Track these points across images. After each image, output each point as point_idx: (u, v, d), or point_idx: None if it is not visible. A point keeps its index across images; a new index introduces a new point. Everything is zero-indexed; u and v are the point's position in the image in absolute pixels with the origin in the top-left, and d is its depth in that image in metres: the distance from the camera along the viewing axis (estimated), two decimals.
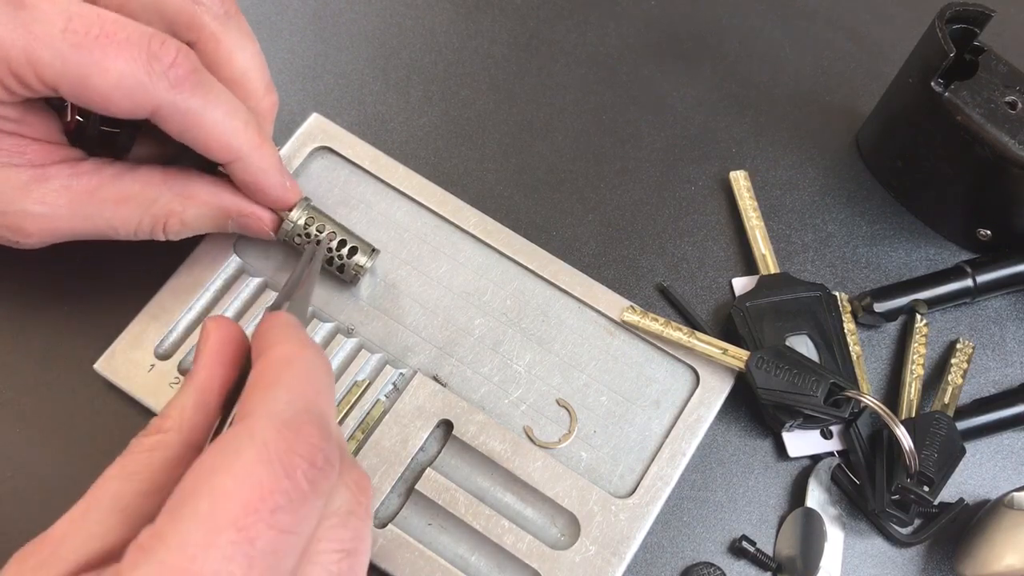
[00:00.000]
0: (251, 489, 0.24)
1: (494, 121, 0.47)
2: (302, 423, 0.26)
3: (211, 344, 0.31)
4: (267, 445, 0.25)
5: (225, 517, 0.24)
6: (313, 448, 0.26)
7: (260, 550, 0.24)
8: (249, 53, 0.37)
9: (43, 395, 0.40)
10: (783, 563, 0.39)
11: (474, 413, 0.39)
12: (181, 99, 0.33)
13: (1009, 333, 0.45)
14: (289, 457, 0.25)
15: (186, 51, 0.33)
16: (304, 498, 0.25)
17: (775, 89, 0.50)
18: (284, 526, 0.25)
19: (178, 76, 0.32)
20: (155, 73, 0.32)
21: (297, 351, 0.29)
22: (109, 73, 0.31)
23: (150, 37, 0.32)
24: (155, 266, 0.41)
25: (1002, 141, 0.40)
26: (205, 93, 0.33)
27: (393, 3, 0.50)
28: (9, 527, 0.37)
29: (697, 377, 0.41)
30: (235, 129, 0.35)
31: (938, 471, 0.38)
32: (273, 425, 0.26)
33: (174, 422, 0.29)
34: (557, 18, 0.51)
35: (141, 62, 0.31)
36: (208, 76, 0.34)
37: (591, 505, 0.38)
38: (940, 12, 0.41)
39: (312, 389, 0.28)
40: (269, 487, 0.25)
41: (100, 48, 0.31)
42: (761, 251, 0.44)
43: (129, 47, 0.31)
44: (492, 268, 0.43)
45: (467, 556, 0.38)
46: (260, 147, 0.36)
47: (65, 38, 0.31)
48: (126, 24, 0.32)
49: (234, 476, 0.25)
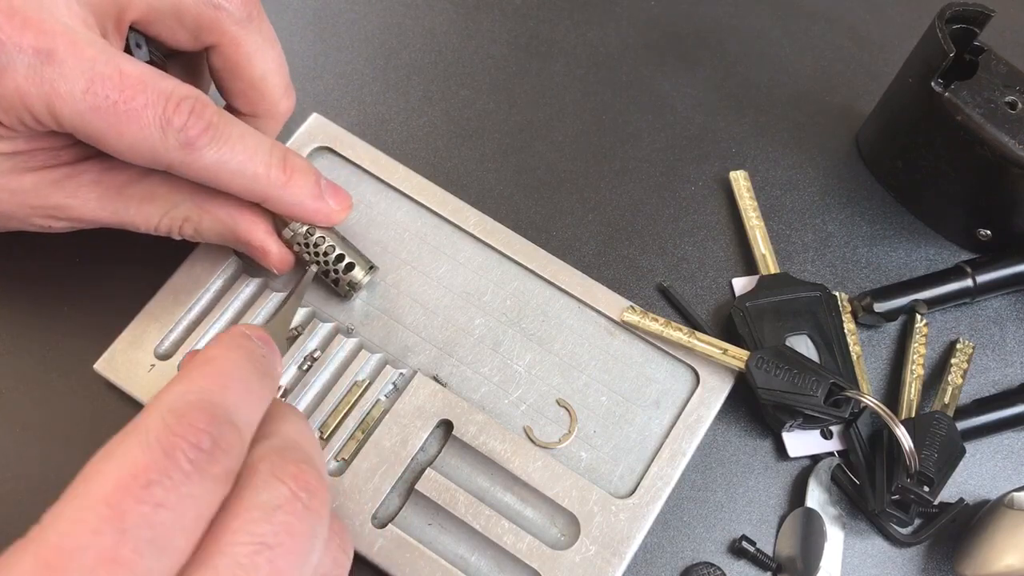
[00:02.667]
0: (124, 468, 0.25)
1: (494, 121, 0.47)
2: (187, 408, 0.26)
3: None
4: (148, 430, 0.26)
5: (96, 496, 0.24)
6: (196, 431, 0.26)
7: (132, 524, 0.24)
8: (270, 57, 0.38)
9: (43, 395, 0.40)
10: (783, 563, 0.39)
11: (474, 413, 0.39)
12: (193, 159, 0.34)
13: (1009, 333, 0.45)
14: (168, 438, 0.25)
15: (200, 109, 0.33)
16: (186, 477, 0.25)
17: (775, 89, 0.50)
18: (158, 500, 0.24)
19: (189, 138, 0.33)
20: (168, 138, 0.33)
21: (220, 352, 0.29)
22: (124, 137, 0.32)
23: (166, 100, 0.32)
24: (155, 266, 0.41)
25: (1002, 141, 0.40)
26: (219, 147, 0.34)
27: (393, 3, 0.50)
28: (9, 527, 0.37)
29: (697, 377, 0.41)
30: (255, 176, 0.35)
31: (938, 471, 0.38)
32: (159, 412, 0.26)
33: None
34: (557, 18, 0.51)
35: (154, 128, 0.32)
36: (224, 127, 0.34)
37: (591, 505, 0.38)
38: (940, 12, 0.41)
39: (217, 384, 0.28)
40: (143, 465, 0.25)
41: (115, 114, 0.32)
42: (761, 251, 0.44)
43: (144, 113, 0.32)
44: (492, 268, 0.43)
45: (467, 556, 0.38)
46: (285, 186, 0.36)
47: (85, 99, 0.32)
48: (145, 86, 0.32)
49: (112, 458, 0.25)
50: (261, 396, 0.30)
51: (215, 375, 0.28)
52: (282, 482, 0.27)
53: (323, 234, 0.39)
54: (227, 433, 0.27)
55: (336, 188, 0.39)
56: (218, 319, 0.40)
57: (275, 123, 0.40)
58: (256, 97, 0.38)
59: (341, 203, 0.38)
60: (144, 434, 0.25)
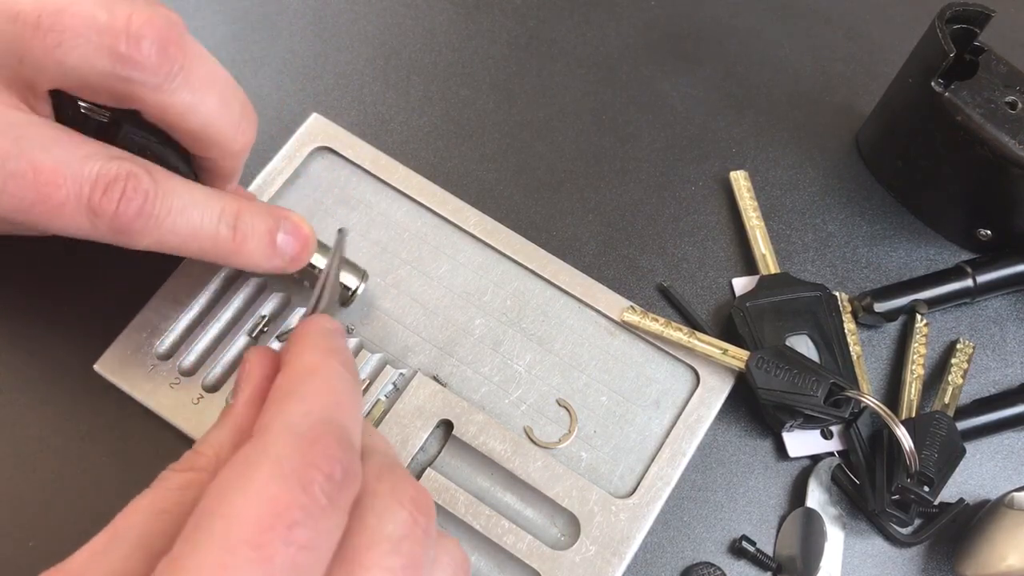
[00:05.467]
0: (265, 506, 0.24)
1: (494, 121, 0.47)
2: (319, 434, 0.25)
3: (253, 380, 0.30)
4: (281, 460, 0.25)
5: (239, 536, 0.23)
6: (331, 461, 0.25)
7: (279, 567, 0.23)
8: (205, 107, 0.32)
9: (43, 395, 0.40)
10: (783, 563, 0.39)
11: (474, 413, 0.39)
12: (133, 241, 0.31)
13: (1009, 333, 0.45)
14: (305, 471, 0.24)
15: (132, 189, 0.30)
16: (323, 512, 0.24)
17: (775, 89, 0.50)
18: (303, 542, 0.24)
19: (121, 225, 0.31)
20: (99, 226, 0.30)
21: (320, 360, 0.28)
22: (52, 228, 0.31)
23: (90, 188, 0.30)
24: (155, 266, 0.41)
25: (1002, 141, 0.40)
26: (157, 227, 0.31)
27: (393, 3, 0.50)
28: (9, 527, 0.37)
29: (697, 377, 0.41)
30: (200, 248, 0.33)
31: (938, 471, 0.38)
32: (288, 438, 0.25)
33: (208, 460, 0.28)
34: (557, 18, 0.51)
35: (82, 219, 0.30)
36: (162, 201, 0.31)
37: (591, 505, 0.38)
38: (940, 12, 0.41)
39: (332, 399, 0.27)
40: (285, 502, 0.24)
41: (37, 212, 0.30)
42: (761, 251, 0.44)
43: (67, 207, 0.30)
44: (492, 268, 0.43)
45: (467, 556, 0.38)
46: (234, 252, 0.34)
47: (3, 201, 0.30)
48: (63, 179, 0.30)
49: (247, 494, 0.24)
50: (361, 406, 0.29)
51: (328, 391, 0.27)
52: (402, 507, 0.27)
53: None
54: (354, 459, 0.26)
55: (296, 229, 0.36)
56: (218, 319, 0.40)
57: (234, 159, 0.36)
58: (203, 145, 0.34)
59: (300, 252, 0.36)
60: (277, 464, 0.24)
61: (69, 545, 0.27)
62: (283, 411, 0.26)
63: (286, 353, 0.30)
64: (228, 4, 0.49)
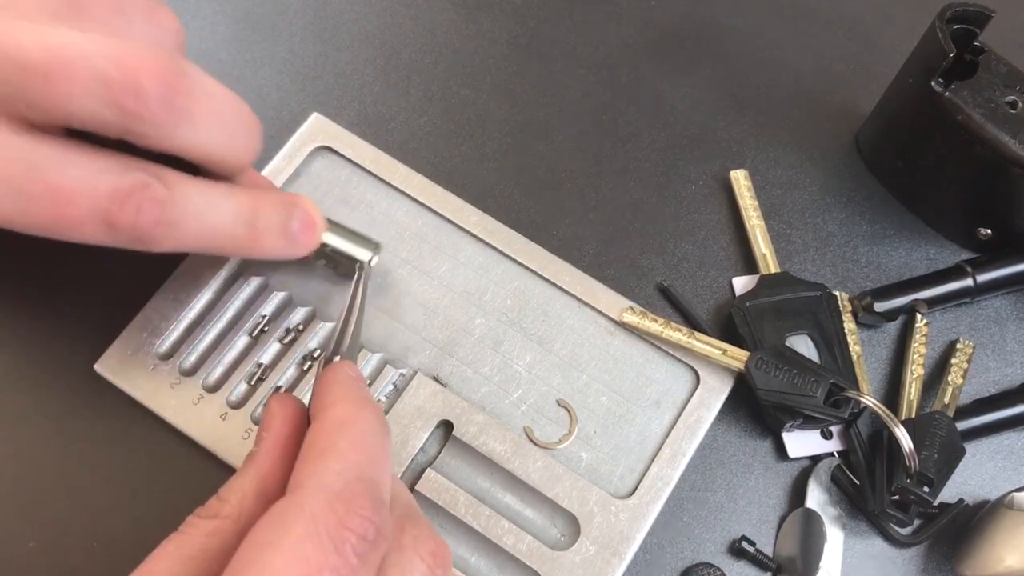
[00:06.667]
0: (300, 566, 0.24)
1: (494, 121, 0.47)
2: (353, 494, 0.26)
3: (276, 429, 0.31)
4: (316, 519, 0.25)
5: None
6: (364, 521, 0.26)
7: None
8: (210, 138, 0.33)
9: (43, 395, 0.40)
10: (783, 563, 0.39)
11: (474, 413, 0.39)
12: (153, 248, 0.32)
13: (1009, 333, 0.45)
14: (339, 531, 0.25)
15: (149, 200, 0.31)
16: (353, 572, 0.25)
17: (775, 89, 0.50)
18: None
19: (141, 235, 0.31)
20: (119, 237, 0.31)
21: (352, 413, 0.29)
22: (74, 240, 0.31)
23: (108, 202, 0.30)
24: (155, 266, 0.41)
25: (1002, 141, 0.40)
26: (175, 233, 0.32)
27: (393, 3, 0.50)
28: (9, 527, 0.37)
29: (697, 377, 0.41)
30: (220, 246, 0.34)
31: (938, 471, 0.38)
32: (323, 497, 0.26)
33: (233, 509, 0.29)
34: (557, 18, 0.51)
35: (100, 232, 0.31)
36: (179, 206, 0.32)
37: (591, 505, 0.38)
38: (940, 12, 0.41)
39: (366, 456, 0.28)
40: (317, 564, 0.25)
41: (59, 230, 0.31)
42: (761, 251, 0.44)
43: (87, 223, 0.31)
44: (492, 268, 0.43)
45: (467, 556, 0.38)
46: (252, 249, 0.35)
47: (24, 221, 0.30)
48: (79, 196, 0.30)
49: (283, 552, 0.25)
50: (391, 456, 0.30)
51: (361, 446, 0.28)
52: (423, 560, 0.28)
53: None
54: (385, 518, 0.27)
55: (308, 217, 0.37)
56: (219, 319, 0.40)
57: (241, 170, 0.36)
58: (210, 165, 0.34)
59: (310, 237, 0.37)
60: (312, 523, 0.25)
61: (69, 545, 0.27)
62: (318, 469, 0.27)
63: (317, 403, 0.30)
64: (228, 4, 0.49)
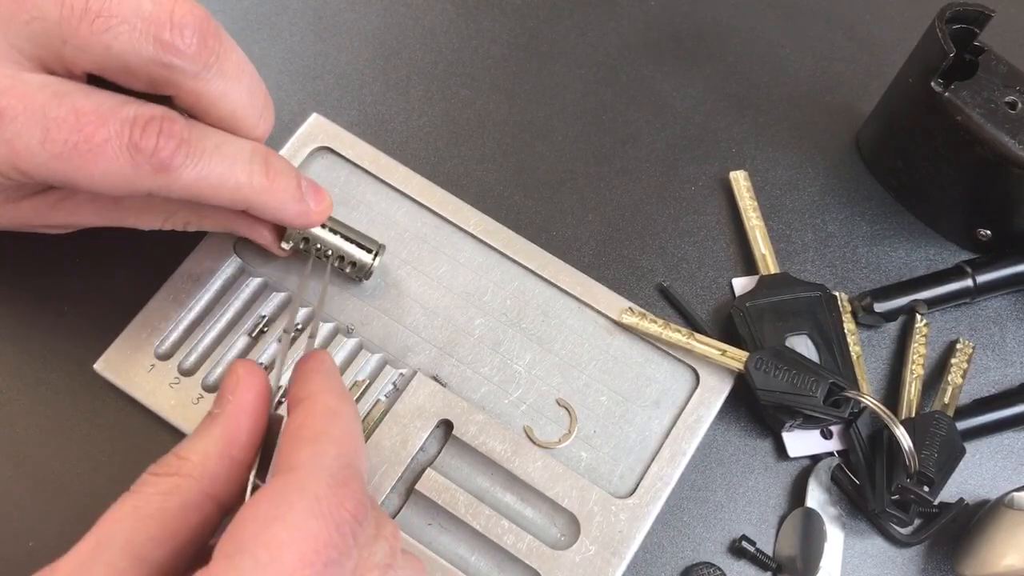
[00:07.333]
0: (306, 542, 0.25)
1: (494, 121, 0.47)
2: (347, 478, 0.28)
3: (242, 395, 0.31)
4: (319, 498, 0.26)
5: (283, 568, 0.25)
6: (358, 503, 0.27)
7: None
8: (236, 95, 0.34)
9: (43, 395, 0.40)
10: (783, 563, 0.39)
11: (474, 413, 0.39)
12: (172, 180, 0.32)
13: (1009, 333, 0.45)
14: (339, 512, 0.27)
15: (168, 127, 0.32)
16: (349, 551, 0.27)
17: (775, 89, 0.50)
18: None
19: (162, 160, 0.31)
20: (140, 165, 0.31)
21: (340, 405, 0.30)
22: (94, 176, 0.31)
23: (131, 127, 0.31)
24: (155, 266, 0.41)
25: (1002, 141, 0.40)
26: (196, 162, 0.32)
27: (393, 3, 0.50)
28: (10, 528, 0.37)
29: (697, 377, 0.41)
30: (237, 184, 0.34)
31: (938, 471, 0.38)
32: (324, 479, 0.27)
33: (195, 467, 0.29)
34: (557, 18, 0.51)
35: (123, 159, 0.31)
36: (198, 140, 0.33)
37: (591, 505, 0.38)
38: (940, 12, 0.41)
39: (353, 445, 0.29)
40: (323, 541, 0.26)
41: (79, 156, 0.30)
42: (761, 251, 0.44)
43: (108, 148, 0.31)
44: (492, 268, 0.43)
45: (467, 556, 0.38)
46: (268, 190, 0.35)
47: (45, 149, 0.30)
48: (104, 119, 0.31)
49: (289, 527, 0.26)
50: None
51: (350, 436, 0.30)
52: (385, 539, 0.29)
53: (321, 234, 0.39)
54: (372, 503, 0.29)
55: (316, 188, 0.38)
56: (218, 319, 0.40)
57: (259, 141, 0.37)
58: (229, 131, 0.35)
59: (320, 204, 0.38)
60: (316, 502, 0.26)
61: (69, 545, 0.27)
62: (317, 452, 0.28)
63: (300, 388, 0.31)
64: (228, 4, 0.49)
